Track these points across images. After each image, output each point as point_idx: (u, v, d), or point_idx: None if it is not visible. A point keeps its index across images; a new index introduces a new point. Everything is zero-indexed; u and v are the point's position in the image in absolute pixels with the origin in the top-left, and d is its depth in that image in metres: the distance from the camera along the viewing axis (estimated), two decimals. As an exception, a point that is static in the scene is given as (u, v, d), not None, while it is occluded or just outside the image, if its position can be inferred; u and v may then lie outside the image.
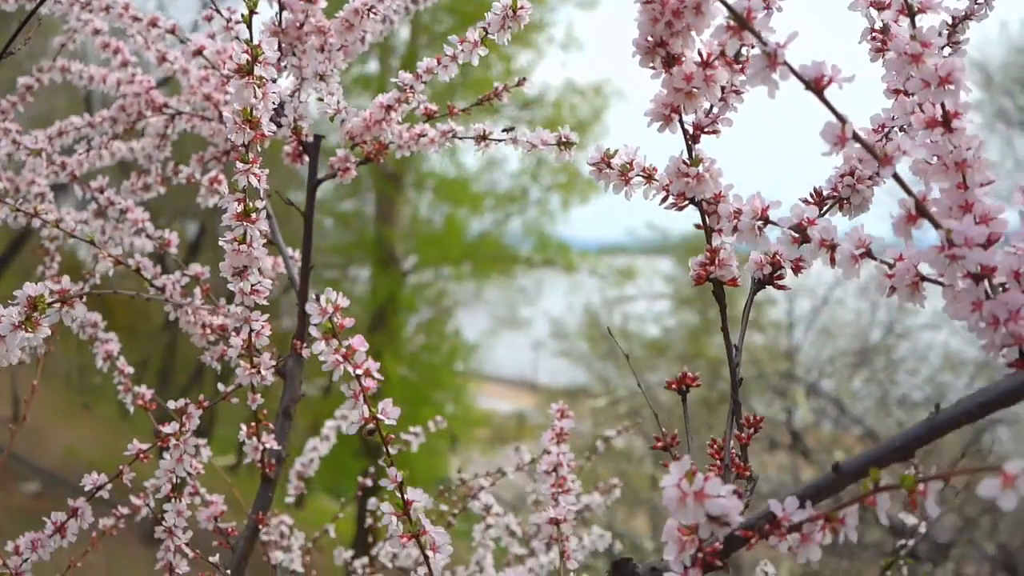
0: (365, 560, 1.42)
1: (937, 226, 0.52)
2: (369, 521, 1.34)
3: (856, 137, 0.51)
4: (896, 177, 0.52)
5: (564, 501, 0.95)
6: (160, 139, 1.22)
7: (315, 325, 0.62)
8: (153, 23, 1.10)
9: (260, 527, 1.00)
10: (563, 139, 0.86)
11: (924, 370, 7.07)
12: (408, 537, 0.66)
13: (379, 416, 0.64)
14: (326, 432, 1.48)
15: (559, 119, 11.19)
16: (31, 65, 1.39)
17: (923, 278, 0.55)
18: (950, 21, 0.72)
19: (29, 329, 0.68)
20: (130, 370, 1.11)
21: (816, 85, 0.51)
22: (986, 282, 0.53)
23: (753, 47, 0.55)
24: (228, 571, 0.96)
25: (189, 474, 0.99)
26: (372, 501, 1.21)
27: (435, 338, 11.57)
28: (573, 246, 11.90)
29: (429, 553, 0.66)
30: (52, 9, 1.20)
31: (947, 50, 0.72)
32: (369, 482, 1.50)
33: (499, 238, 12.01)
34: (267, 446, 0.98)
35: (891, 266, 0.56)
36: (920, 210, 0.52)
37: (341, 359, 0.63)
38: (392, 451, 0.66)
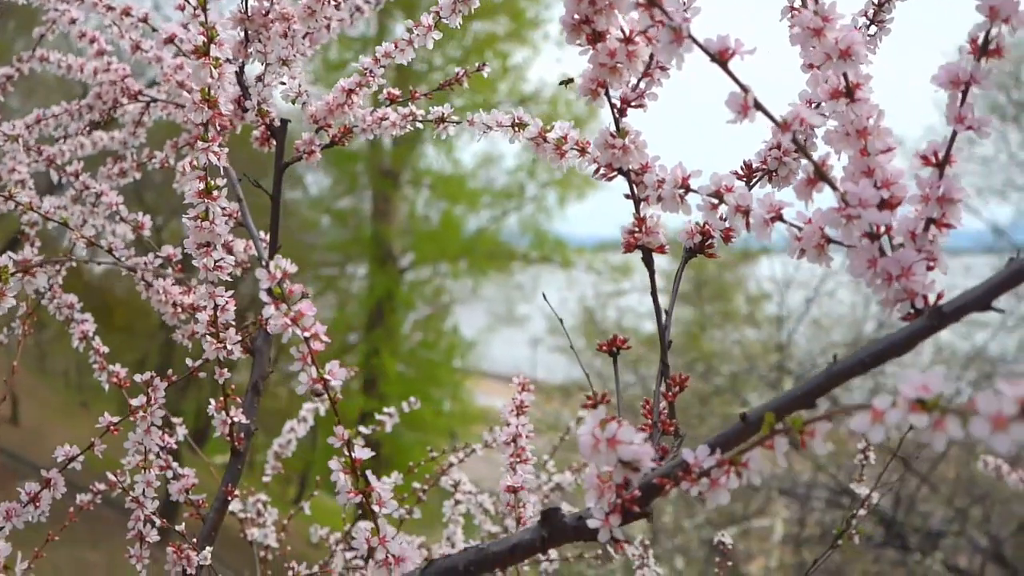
0: (339, 535, 1.46)
1: (835, 188, 0.55)
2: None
3: (757, 105, 0.54)
4: (796, 143, 0.55)
5: (521, 470, 0.99)
6: (135, 126, 1.26)
7: (265, 290, 0.65)
8: (126, 12, 1.13)
9: (229, 499, 1.03)
10: (516, 121, 0.90)
11: (908, 359, 7.10)
12: (355, 493, 0.70)
13: (327, 377, 0.67)
14: (303, 414, 1.51)
15: (555, 115, 11.23)
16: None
17: (829, 240, 0.58)
18: (876, 0, 0.75)
19: (-5, 299, 0.71)
20: (105, 349, 1.14)
21: (721, 57, 0.55)
22: (886, 241, 0.57)
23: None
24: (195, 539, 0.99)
25: (162, 447, 1.03)
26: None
27: (433, 335, 11.61)
28: (570, 242, 11.94)
29: (375, 508, 0.69)
30: (30, -1, 1.24)
31: (873, 28, 0.76)
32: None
33: (496, 235, 12.05)
34: (235, 420, 1.01)
35: (800, 229, 0.59)
36: (819, 174, 0.56)
37: (290, 323, 0.66)
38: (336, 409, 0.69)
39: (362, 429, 1.31)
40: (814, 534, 6.06)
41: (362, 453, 0.70)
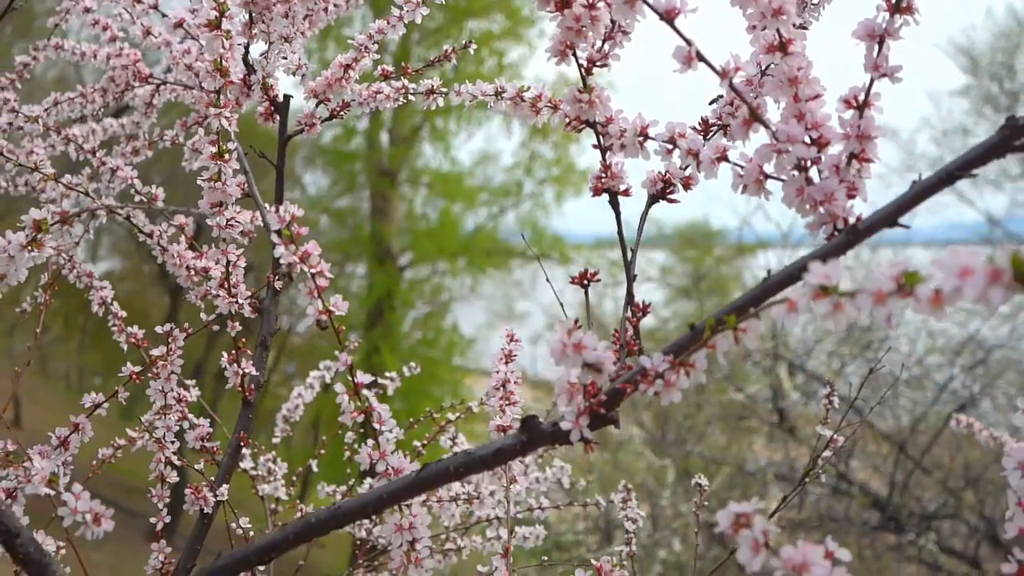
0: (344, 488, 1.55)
1: (767, 127, 0.64)
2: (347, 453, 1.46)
3: (700, 57, 0.63)
4: (733, 88, 0.64)
5: (510, 411, 1.08)
6: (147, 107, 1.34)
7: (275, 232, 0.74)
8: (137, 0, 1.22)
9: (242, 444, 1.11)
10: (499, 90, 0.98)
11: (905, 348, 7.20)
12: (357, 412, 0.78)
13: (331, 308, 0.76)
14: (310, 381, 1.60)
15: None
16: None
17: (766, 175, 0.67)
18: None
19: (34, 248, 0.80)
20: (123, 313, 1.23)
21: (668, 16, 0.63)
22: (816, 175, 0.66)
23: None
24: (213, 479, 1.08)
25: (177, 399, 1.11)
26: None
27: (432, 333, 11.70)
28: (568, 239, 12.04)
29: (376, 426, 0.78)
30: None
31: (815, -1, 0.84)
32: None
33: (494, 232, 12.15)
34: (247, 372, 1.10)
35: (742, 167, 0.68)
36: (753, 115, 0.64)
37: (298, 260, 0.75)
38: (349, 345, 0.78)
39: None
40: (812, 517, 6.15)
41: (364, 378, 0.78)
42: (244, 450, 1.17)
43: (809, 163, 0.64)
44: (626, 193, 0.78)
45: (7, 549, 0.72)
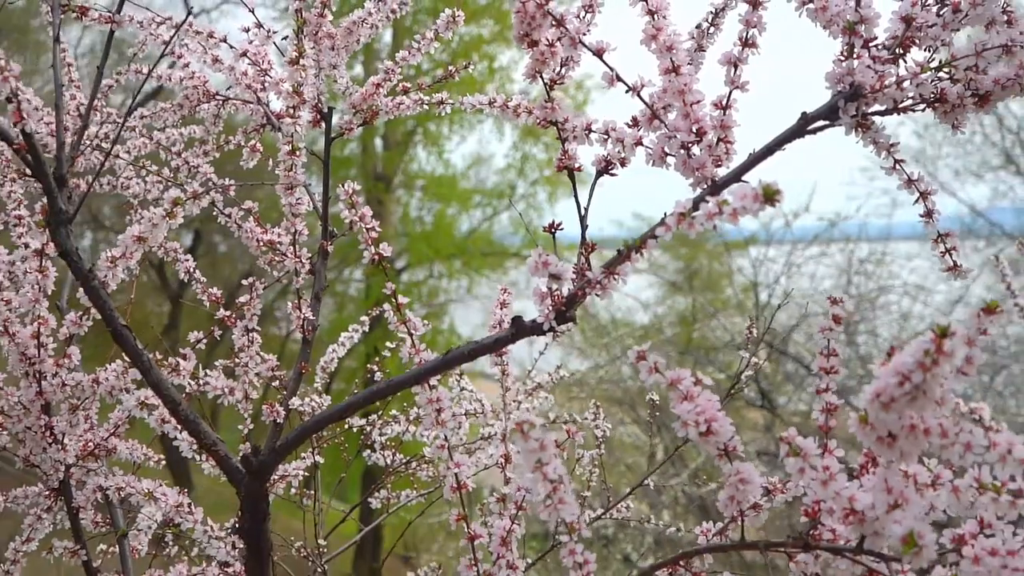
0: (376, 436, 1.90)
1: (662, 122, 1.00)
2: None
3: (618, 78, 0.99)
4: (640, 98, 1.00)
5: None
6: (214, 119, 1.70)
7: (341, 200, 1.10)
8: (211, 35, 1.58)
9: (303, 372, 1.47)
10: (492, 100, 1.35)
11: (886, 333, 7.58)
12: (399, 323, 1.14)
13: (381, 251, 1.12)
14: (342, 340, 1.96)
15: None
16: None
17: (666, 153, 1.03)
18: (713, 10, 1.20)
19: (171, 218, 1.16)
20: (204, 280, 1.59)
21: (598, 53, 1.00)
22: (697, 150, 1.02)
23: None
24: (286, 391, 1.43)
25: (252, 340, 1.47)
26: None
27: (430, 334, 12.03)
28: (561, 239, 12.34)
29: (413, 331, 1.14)
30: (131, 29, 1.68)
31: (712, 29, 1.21)
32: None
33: (488, 234, 12.49)
34: (306, 316, 1.45)
35: (651, 150, 1.04)
36: (654, 114, 1.01)
37: (358, 220, 1.11)
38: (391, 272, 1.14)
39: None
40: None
41: (403, 300, 1.15)
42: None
43: (691, 144, 1.00)
44: (578, 169, 1.14)
45: (172, 414, 1.07)
